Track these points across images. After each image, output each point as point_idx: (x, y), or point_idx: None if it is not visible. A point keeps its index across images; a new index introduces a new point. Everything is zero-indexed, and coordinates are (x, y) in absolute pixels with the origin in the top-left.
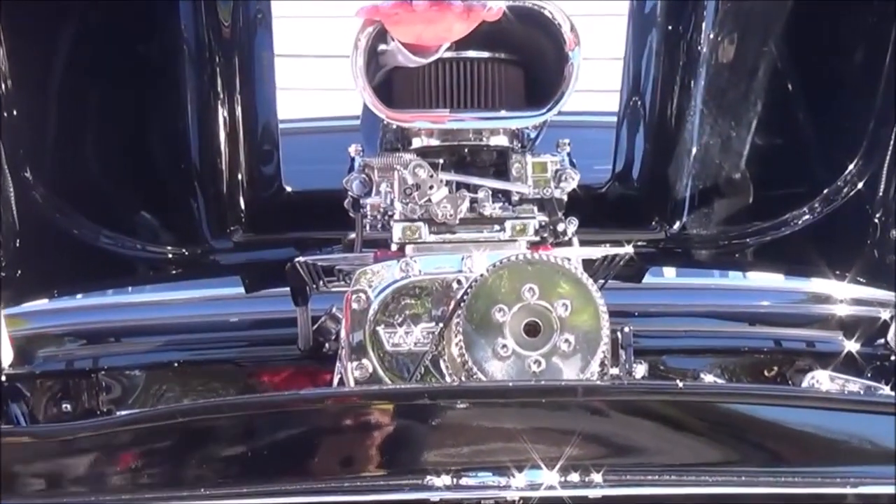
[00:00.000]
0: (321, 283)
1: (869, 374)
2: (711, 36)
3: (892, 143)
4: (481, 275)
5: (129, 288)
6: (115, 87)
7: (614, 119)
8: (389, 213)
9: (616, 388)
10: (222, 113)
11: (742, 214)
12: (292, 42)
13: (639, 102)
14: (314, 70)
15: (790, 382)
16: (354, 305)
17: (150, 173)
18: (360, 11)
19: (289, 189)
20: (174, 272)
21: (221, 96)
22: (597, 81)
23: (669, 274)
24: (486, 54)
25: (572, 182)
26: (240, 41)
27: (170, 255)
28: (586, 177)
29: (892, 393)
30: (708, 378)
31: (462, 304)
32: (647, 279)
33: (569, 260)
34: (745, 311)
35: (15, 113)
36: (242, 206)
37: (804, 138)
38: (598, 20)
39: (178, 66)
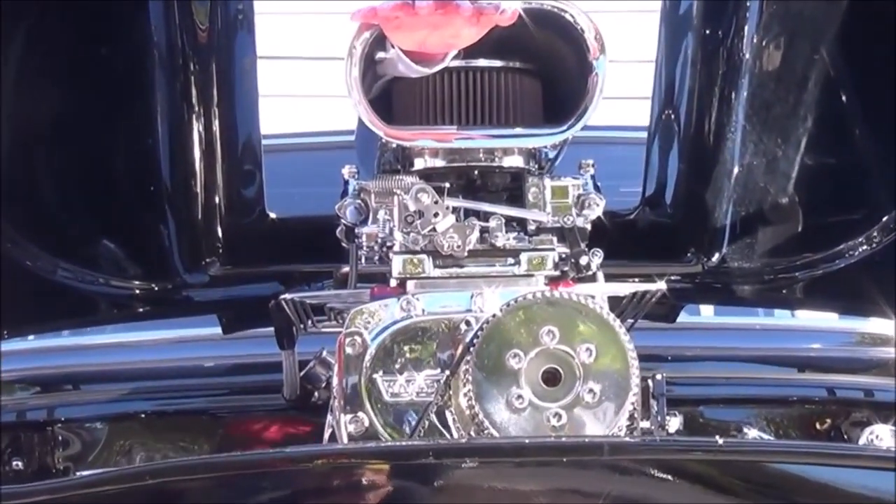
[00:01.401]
0: (310, 323)
1: None
2: (755, 41)
3: None
4: (493, 315)
5: (90, 328)
6: (74, 98)
7: (644, 135)
8: (388, 243)
9: (647, 445)
10: (197, 127)
11: (790, 245)
12: (276, 41)
13: (672, 116)
14: (302, 74)
15: (846, 438)
16: (348, 349)
17: (114, 197)
18: (356, 14)
19: (273, 215)
20: (141, 310)
21: (196, 108)
22: (625, 88)
23: (707, 312)
24: (498, 63)
25: (597, 209)
26: (218, 46)
27: (136, 291)
28: (613, 202)
29: None
30: (752, 433)
31: (471, 349)
32: (682, 319)
33: (593, 297)
34: (793, 354)
35: None
36: (220, 234)
37: (861, 158)
38: (627, 17)
39: (147, 73)
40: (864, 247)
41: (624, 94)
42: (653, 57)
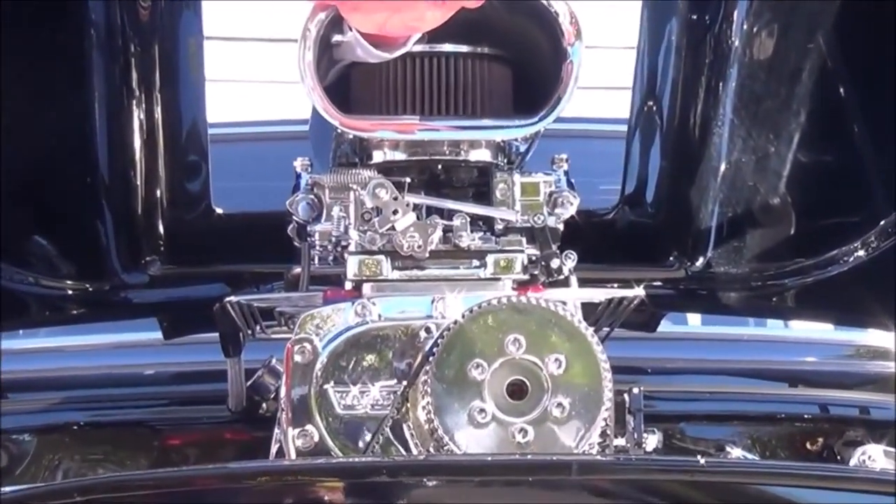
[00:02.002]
0: (258, 328)
1: None
2: (745, 27)
3: None
4: (455, 322)
5: (20, 332)
6: (2, 81)
7: (624, 128)
8: (343, 243)
9: (621, 464)
10: (137, 114)
11: (781, 249)
12: (224, 21)
13: (654, 108)
14: (251, 57)
15: (838, 458)
16: (297, 357)
17: (45, 189)
18: None
19: (219, 211)
20: (75, 312)
21: (137, 93)
22: (604, 77)
23: (690, 321)
24: (465, 48)
25: (570, 208)
26: (161, 25)
27: (70, 292)
28: (588, 200)
29: None
30: (736, 452)
31: (431, 358)
32: (663, 328)
33: (564, 304)
34: (783, 368)
35: None
36: (161, 230)
37: (858, 156)
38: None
39: (84, 55)
40: (861, 252)
41: (602, 83)
42: (634, 43)
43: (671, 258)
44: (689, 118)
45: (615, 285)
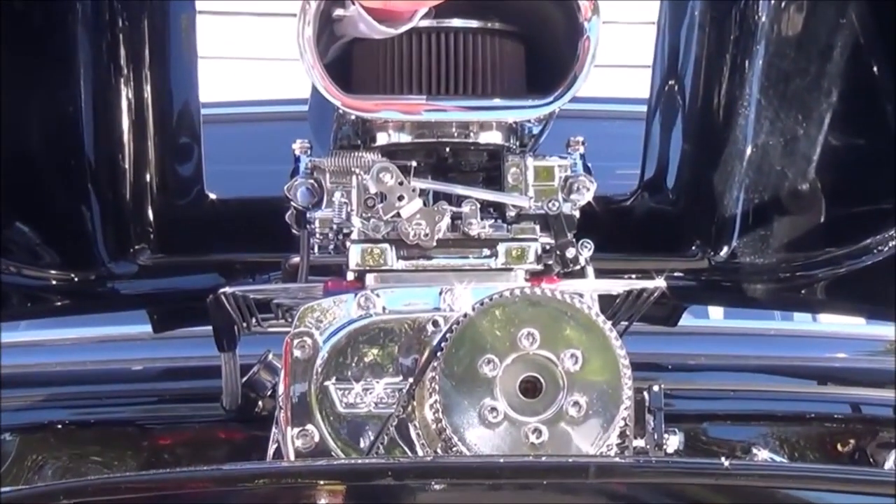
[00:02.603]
0: (254, 321)
1: None
2: (773, 1)
3: None
4: (465, 315)
5: (1, 324)
6: None
7: (644, 109)
8: (345, 230)
9: (641, 466)
10: (126, 94)
11: (810, 238)
12: None
13: (676, 88)
14: (247, 32)
15: (871, 461)
16: (297, 352)
17: (28, 173)
18: None
19: (212, 196)
20: (59, 304)
21: (125, 72)
22: (623, 54)
23: (714, 315)
24: (475, 24)
25: (587, 193)
26: None
27: (54, 282)
28: (606, 185)
29: None
30: (762, 454)
31: (439, 354)
32: (685, 321)
33: (580, 296)
34: (813, 364)
35: None
36: (151, 217)
37: (892, 138)
38: None
39: (69, 30)
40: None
41: (621, 61)
42: (654, 18)
43: (693, 247)
44: (713, 98)
45: (634, 276)
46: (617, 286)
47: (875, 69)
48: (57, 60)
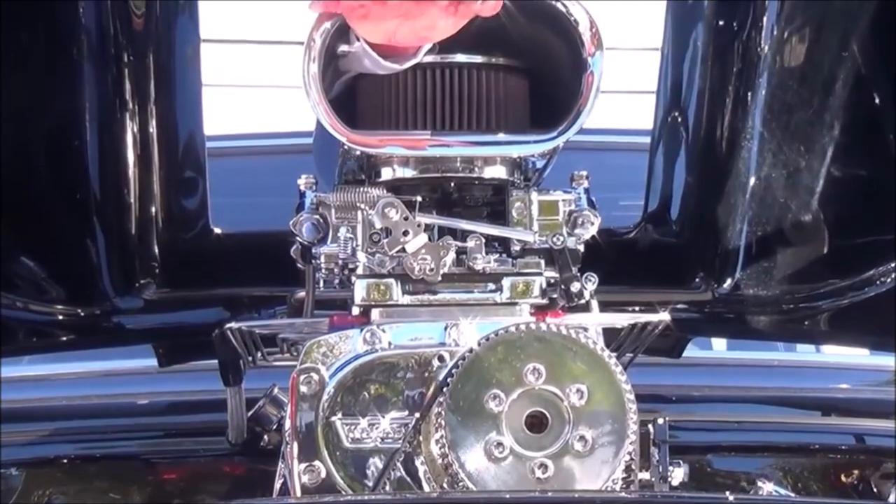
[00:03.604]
0: (259, 355)
1: None
2: (775, 34)
3: None
4: (471, 350)
5: (6, 359)
6: None
7: (647, 140)
8: (350, 265)
9: (646, 500)
10: (131, 128)
11: (813, 270)
12: (222, 22)
13: (679, 119)
14: (252, 60)
15: (876, 492)
16: (303, 387)
17: (34, 207)
18: (315, 3)
19: (217, 230)
20: (65, 339)
21: (130, 106)
22: (628, 80)
23: (718, 346)
24: (479, 59)
25: (591, 227)
26: (156, 34)
27: (60, 317)
28: (610, 217)
29: None
30: (767, 487)
31: (445, 389)
32: (689, 353)
33: (585, 330)
34: (817, 395)
35: None
36: (156, 252)
37: (895, 170)
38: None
39: (75, 64)
40: None
41: (626, 87)
42: (658, 45)
43: (697, 279)
44: (717, 130)
45: (638, 309)
46: (621, 320)
47: (877, 101)
48: (63, 95)
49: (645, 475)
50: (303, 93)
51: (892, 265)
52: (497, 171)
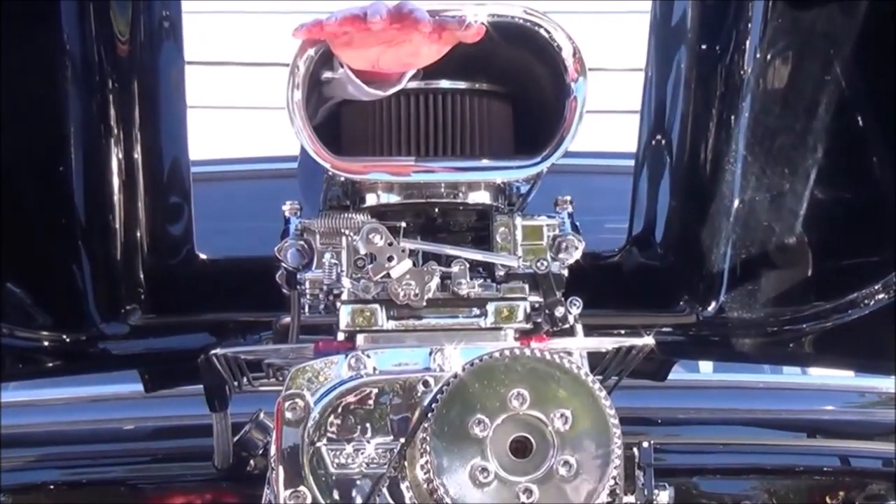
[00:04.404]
0: (245, 380)
1: None
2: (758, 57)
3: None
4: (455, 375)
5: None
6: None
7: (631, 163)
8: (335, 291)
9: None
10: (116, 153)
11: (797, 292)
12: (206, 43)
13: (663, 143)
14: (236, 81)
15: None
16: (288, 413)
17: (18, 233)
18: (299, 30)
19: (203, 256)
20: (51, 365)
21: (115, 131)
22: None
23: (703, 369)
24: (463, 85)
25: (575, 252)
26: (140, 59)
27: (45, 343)
28: (595, 240)
29: None
30: None
31: (430, 414)
32: (674, 376)
33: (570, 355)
34: (802, 417)
35: None
36: (142, 277)
37: (879, 193)
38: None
39: (59, 91)
40: (882, 295)
41: (612, 107)
42: (641, 65)
43: (682, 303)
44: (700, 154)
45: (623, 332)
46: (606, 344)
47: (860, 124)
48: (47, 121)
49: (630, 499)
50: (284, 113)
51: (876, 287)
52: (481, 197)
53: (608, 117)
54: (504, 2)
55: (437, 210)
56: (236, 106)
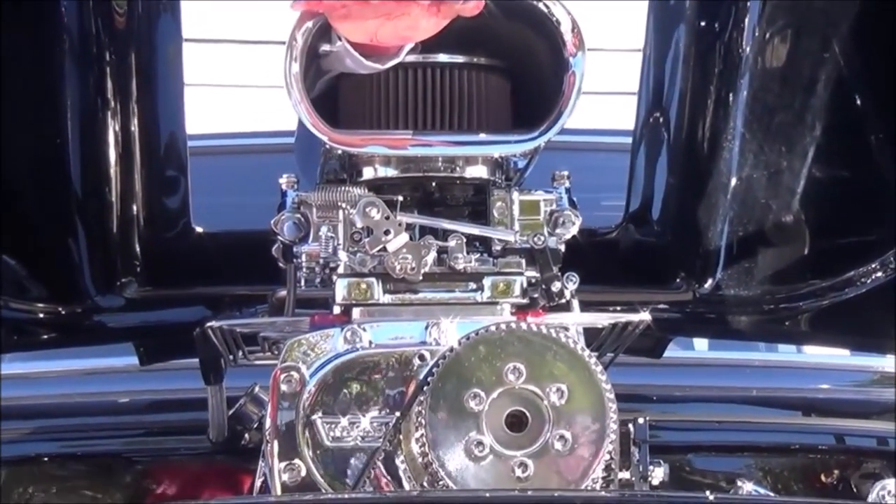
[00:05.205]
0: (240, 354)
1: None
2: (756, 35)
3: None
4: (451, 349)
5: None
6: None
7: (629, 140)
8: (332, 264)
9: (626, 500)
10: (113, 126)
11: (794, 270)
12: (204, 21)
13: (661, 120)
14: (234, 59)
15: (855, 491)
16: (284, 386)
17: (15, 205)
18: (298, 2)
19: (199, 229)
20: (46, 337)
21: (112, 104)
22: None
23: (699, 346)
24: (461, 59)
25: (572, 227)
26: (138, 32)
27: (41, 315)
28: (592, 217)
29: None
30: (747, 486)
31: (426, 388)
32: (670, 353)
33: (566, 330)
34: (797, 396)
35: None
36: (138, 250)
37: (876, 172)
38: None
39: (56, 63)
40: (878, 273)
41: (609, 88)
42: (640, 46)
43: (678, 280)
44: (698, 131)
45: (619, 308)
46: (602, 319)
47: (858, 102)
48: (44, 93)
49: (625, 474)
50: (284, 92)
51: (873, 266)
52: (478, 171)
53: (605, 98)
54: None
55: (434, 184)
56: (235, 84)
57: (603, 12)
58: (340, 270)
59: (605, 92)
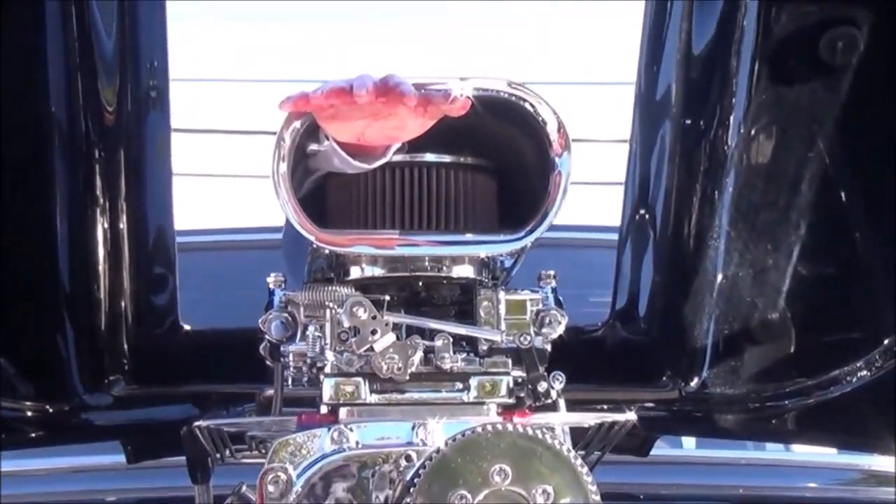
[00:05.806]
0: (227, 452)
1: None
2: (741, 133)
3: None
4: (438, 449)
5: None
6: None
7: (615, 237)
8: (319, 364)
9: None
10: (102, 223)
11: (780, 369)
12: (192, 111)
13: (647, 217)
14: (222, 149)
15: None
16: (271, 487)
17: (3, 303)
18: (285, 102)
19: (187, 327)
20: (34, 435)
21: (101, 201)
22: (601, 171)
23: (685, 445)
24: (448, 158)
25: (558, 327)
26: (127, 127)
27: (28, 413)
28: (578, 314)
29: None
30: None
31: (412, 489)
32: (657, 452)
33: (552, 430)
34: (783, 494)
35: None
36: (126, 348)
37: (862, 271)
38: (604, 92)
39: (45, 161)
40: (864, 372)
41: (599, 178)
42: (625, 136)
43: (664, 378)
44: (684, 229)
45: (605, 407)
46: (588, 419)
47: (843, 200)
48: (33, 191)
49: None
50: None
51: (858, 364)
52: (465, 271)
53: (593, 189)
54: (489, 76)
55: (420, 283)
56: (222, 174)
57: (592, 101)
58: (327, 370)
59: (593, 182)
